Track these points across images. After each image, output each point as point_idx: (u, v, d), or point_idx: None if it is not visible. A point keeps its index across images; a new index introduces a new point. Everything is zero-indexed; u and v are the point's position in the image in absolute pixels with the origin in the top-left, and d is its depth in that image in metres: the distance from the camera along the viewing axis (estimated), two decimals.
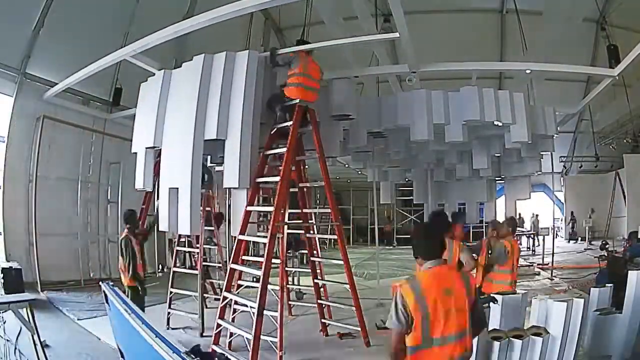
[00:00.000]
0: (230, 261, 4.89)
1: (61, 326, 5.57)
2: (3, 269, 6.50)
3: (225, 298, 4.81)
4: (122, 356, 3.88)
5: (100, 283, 4.34)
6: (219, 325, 4.74)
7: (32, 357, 3.88)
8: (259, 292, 4.23)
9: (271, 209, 4.69)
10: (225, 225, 7.69)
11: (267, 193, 6.47)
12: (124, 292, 4.62)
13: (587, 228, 14.50)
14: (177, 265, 6.36)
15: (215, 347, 4.60)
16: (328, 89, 5.84)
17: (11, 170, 7.56)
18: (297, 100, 4.90)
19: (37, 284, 7.06)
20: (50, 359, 4.01)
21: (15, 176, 7.63)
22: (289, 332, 4.90)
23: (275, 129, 5.10)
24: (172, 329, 5.66)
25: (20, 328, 3.82)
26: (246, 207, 4.84)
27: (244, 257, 4.98)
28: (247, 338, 4.26)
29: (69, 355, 4.50)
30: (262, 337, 4.19)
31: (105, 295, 4.14)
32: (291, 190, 5.29)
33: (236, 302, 4.88)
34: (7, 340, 3.88)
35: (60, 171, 8.18)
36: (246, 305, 4.54)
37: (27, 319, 3.84)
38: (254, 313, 4.23)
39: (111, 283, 4.27)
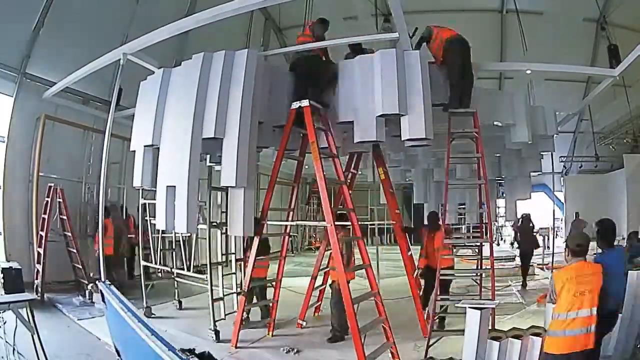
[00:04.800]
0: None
1: (61, 326, 5.56)
2: (3, 269, 6.49)
3: None
4: (119, 355, 3.88)
5: (97, 282, 4.33)
6: None
7: (32, 357, 3.88)
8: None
9: None
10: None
11: None
12: None
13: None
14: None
15: None
16: None
17: (11, 170, 7.55)
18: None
19: (38, 284, 7.05)
20: (50, 359, 4.00)
21: (15, 176, 7.63)
22: None
23: None
24: None
25: (16, 327, 3.81)
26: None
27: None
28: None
29: (68, 356, 4.49)
30: None
31: (102, 294, 4.12)
32: None
33: None
34: (7, 342, 3.87)
35: (60, 171, 8.17)
36: None
37: (27, 319, 3.84)
38: None
39: (108, 282, 4.25)
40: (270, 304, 5.78)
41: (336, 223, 4.68)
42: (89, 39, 7.98)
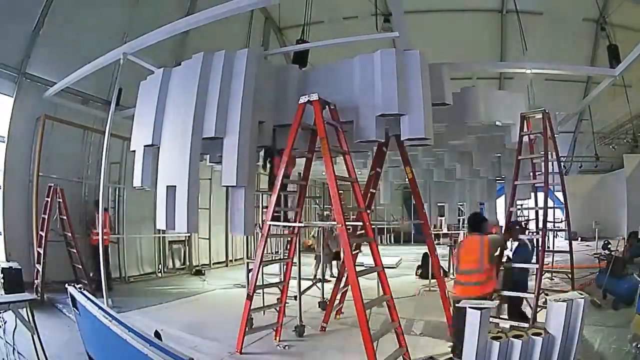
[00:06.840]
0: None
1: (61, 326, 5.55)
2: (3, 269, 6.49)
3: None
4: None
5: (67, 285, 4.03)
6: None
7: (32, 357, 3.87)
8: None
9: None
10: None
11: None
12: None
13: (596, 230, 14.07)
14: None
15: None
16: None
17: (11, 170, 7.55)
18: None
19: (38, 284, 7.05)
20: (50, 359, 4.00)
21: (15, 176, 7.62)
22: None
23: None
24: None
25: (16, 327, 3.80)
26: None
27: None
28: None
29: (68, 356, 4.48)
30: None
31: (73, 299, 3.80)
32: None
33: None
34: (7, 342, 3.86)
35: (60, 171, 8.17)
36: None
37: (27, 319, 3.83)
38: None
39: (79, 285, 4.03)
40: None
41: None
42: (89, 39, 7.99)
